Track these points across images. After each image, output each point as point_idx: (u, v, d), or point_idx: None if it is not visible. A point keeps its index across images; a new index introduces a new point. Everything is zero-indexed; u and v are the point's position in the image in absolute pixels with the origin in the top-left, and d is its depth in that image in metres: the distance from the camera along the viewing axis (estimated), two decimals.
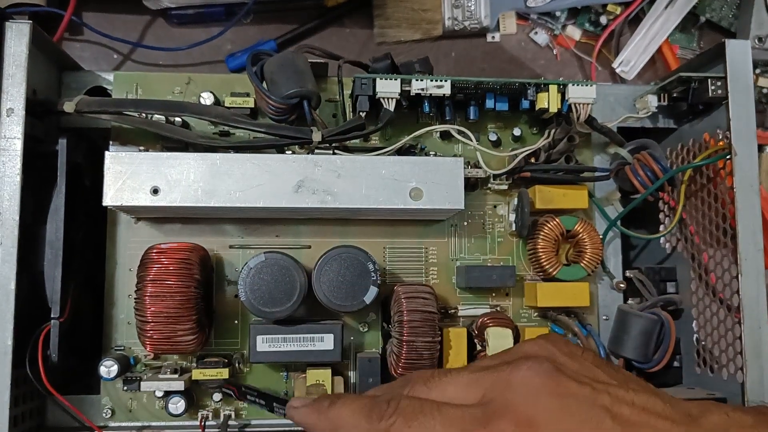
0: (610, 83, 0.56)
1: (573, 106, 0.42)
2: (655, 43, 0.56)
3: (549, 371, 0.28)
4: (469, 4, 0.54)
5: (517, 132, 0.45)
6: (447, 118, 0.44)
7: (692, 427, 0.26)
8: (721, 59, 0.43)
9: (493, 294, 0.45)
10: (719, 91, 0.43)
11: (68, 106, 0.39)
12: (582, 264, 0.43)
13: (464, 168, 0.40)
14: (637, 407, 0.27)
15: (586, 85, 0.42)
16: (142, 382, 0.40)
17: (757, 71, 0.56)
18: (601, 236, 0.44)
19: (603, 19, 0.57)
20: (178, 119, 0.42)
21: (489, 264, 0.45)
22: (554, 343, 0.31)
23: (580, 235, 0.43)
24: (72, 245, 0.40)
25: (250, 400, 0.41)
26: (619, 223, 0.46)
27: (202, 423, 0.41)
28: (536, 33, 0.57)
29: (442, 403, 0.28)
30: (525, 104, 0.43)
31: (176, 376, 0.40)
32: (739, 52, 0.42)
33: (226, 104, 0.43)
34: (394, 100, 0.42)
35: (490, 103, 0.43)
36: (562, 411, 0.27)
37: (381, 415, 0.28)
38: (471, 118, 0.45)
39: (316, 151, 0.41)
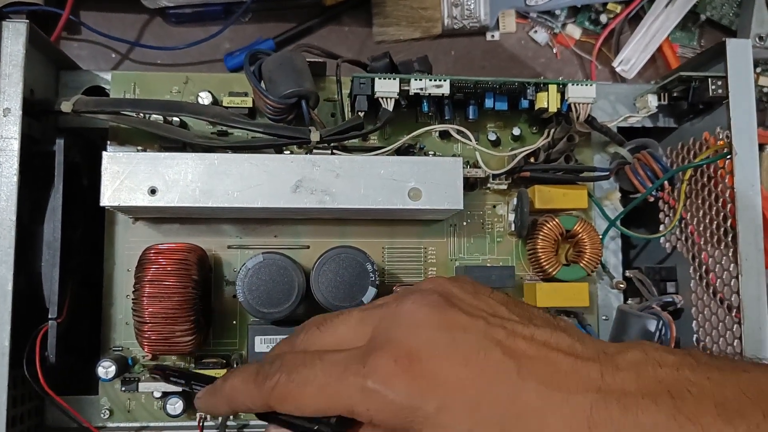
0: (610, 82, 0.56)
1: (573, 106, 0.42)
2: (656, 42, 0.56)
3: (436, 303, 0.26)
4: (469, 3, 0.54)
5: (516, 131, 0.45)
6: (446, 118, 0.44)
7: (603, 363, 0.24)
8: (721, 58, 0.42)
9: None
10: (720, 90, 0.42)
11: (66, 106, 0.39)
12: (581, 264, 0.43)
13: (463, 168, 0.40)
14: (536, 341, 0.25)
15: (586, 85, 0.42)
16: (140, 383, 0.40)
17: (758, 70, 0.56)
18: (600, 236, 0.44)
19: (603, 18, 0.57)
20: (176, 119, 0.42)
21: (488, 264, 0.45)
22: (455, 281, 0.29)
23: (580, 235, 0.43)
24: (70, 245, 0.39)
25: (173, 381, 0.37)
26: (618, 222, 0.45)
27: (201, 424, 0.41)
28: (536, 31, 0.57)
29: (324, 351, 0.27)
30: (524, 104, 0.43)
31: None
32: (739, 51, 0.42)
33: (224, 104, 0.43)
34: (393, 100, 0.41)
35: (489, 103, 0.43)
36: (446, 343, 0.25)
37: (266, 375, 0.27)
38: (470, 117, 0.44)
39: (315, 151, 0.40)
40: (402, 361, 0.24)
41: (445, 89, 0.41)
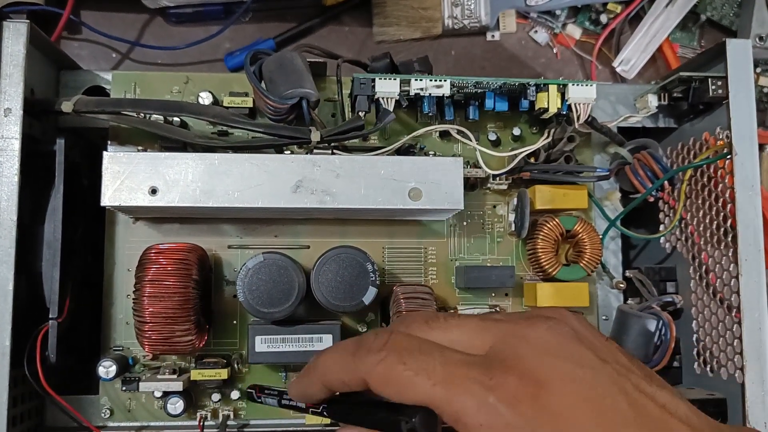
0: (610, 82, 0.56)
1: (573, 106, 0.42)
2: (656, 42, 0.56)
3: (570, 336, 0.25)
4: (469, 3, 0.54)
5: (516, 132, 0.45)
6: (446, 118, 0.44)
7: None
8: (721, 58, 0.42)
9: (493, 294, 0.45)
10: (720, 91, 0.42)
11: (66, 106, 0.39)
12: (581, 264, 0.43)
13: (464, 168, 0.40)
14: (657, 403, 0.24)
15: (586, 85, 0.42)
16: (140, 383, 0.40)
17: (758, 70, 0.56)
18: (600, 236, 0.44)
19: (603, 18, 0.57)
20: (176, 119, 0.42)
21: (488, 264, 0.45)
22: (579, 319, 0.28)
23: (580, 235, 0.43)
24: (70, 245, 0.39)
25: (267, 395, 0.35)
26: (618, 223, 0.45)
27: (201, 423, 0.41)
28: (536, 32, 0.57)
29: (444, 346, 0.25)
30: (525, 104, 0.43)
31: (175, 376, 0.40)
32: (739, 52, 0.42)
33: (225, 104, 0.43)
34: (394, 100, 0.41)
35: (489, 103, 0.43)
36: (577, 379, 0.24)
37: (369, 348, 0.25)
38: (470, 117, 0.44)
39: (315, 151, 0.40)
40: (530, 386, 0.23)
41: (446, 89, 0.41)
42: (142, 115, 0.41)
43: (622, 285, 0.46)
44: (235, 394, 0.42)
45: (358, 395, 0.26)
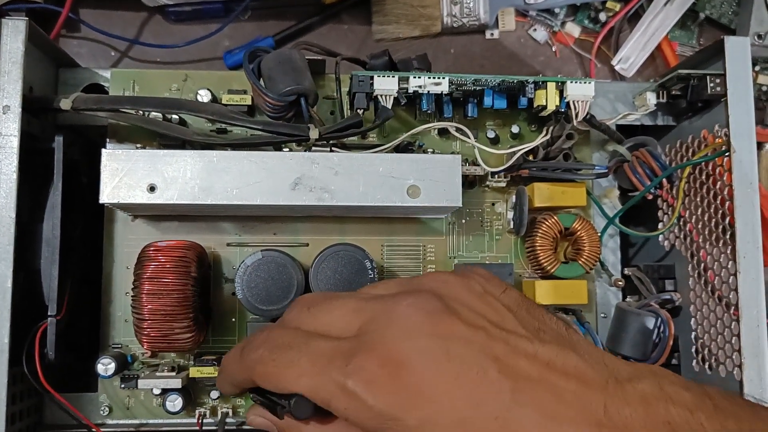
0: (609, 80, 0.56)
1: (571, 104, 0.42)
2: (655, 40, 0.56)
3: (433, 309, 0.24)
4: (468, 1, 0.54)
5: (515, 129, 0.45)
6: (445, 116, 0.44)
7: (609, 393, 0.22)
8: (720, 56, 0.42)
9: None
10: (718, 88, 0.42)
11: (65, 104, 0.39)
12: (580, 262, 0.43)
13: (462, 165, 0.40)
14: (539, 361, 0.23)
15: (585, 83, 0.42)
16: (139, 380, 0.40)
17: (757, 68, 0.56)
18: (599, 234, 0.44)
19: (602, 16, 0.57)
20: (175, 116, 0.42)
21: (487, 262, 0.45)
22: (464, 277, 0.27)
23: (579, 233, 0.43)
24: (69, 243, 0.39)
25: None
26: (617, 220, 0.45)
27: (200, 420, 0.41)
28: (535, 30, 0.57)
29: (313, 335, 0.26)
30: (523, 102, 0.43)
31: (174, 373, 0.40)
32: (738, 49, 0.42)
33: (224, 101, 0.43)
34: (392, 98, 0.41)
35: (488, 101, 0.43)
36: (439, 355, 0.23)
37: (250, 349, 0.27)
38: (469, 115, 0.44)
39: (314, 148, 0.40)
40: (388, 367, 0.23)
41: (444, 87, 0.41)
42: (141, 112, 0.41)
43: (620, 283, 0.46)
44: None
45: None
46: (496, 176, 0.44)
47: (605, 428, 0.21)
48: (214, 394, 0.42)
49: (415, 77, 0.41)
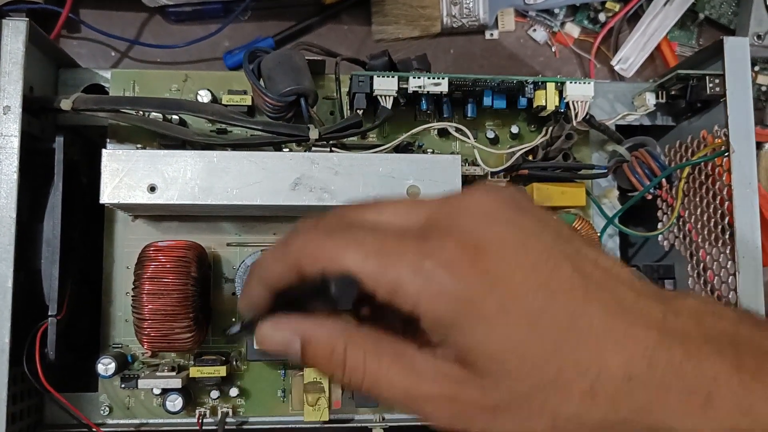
0: (608, 80, 0.56)
1: (571, 104, 0.42)
2: (654, 41, 0.56)
3: (510, 202, 0.23)
4: (468, 2, 0.54)
5: (514, 129, 0.45)
6: (445, 116, 0.44)
7: (664, 303, 0.22)
8: (719, 56, 0.43)
9: None
10: (717, 89, 0.42)
11: (65, 104, 0.39)
12: None
13: (462, 165, 0.40)
14: (600, 267, 0.23)
15: (584, 83, 0.42)
16: (139, 380, 0.40)
17: (756, 68, 0.56)
18: (598, 234, 0.44)
19: (602, 17, 0.57)
20: (175, 117, 0.42)
21: None
22: (518, 189, 0.26)
23: (578, 233, 0.43)
24: (69, 243, 0.40)
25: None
26: (617, 220, 0.45)
27: (200, 420, 0.41)
28: (535, 30, 0.57)
29: (377, 222, 0.24)
30: (523, 102, 0.43)
31: (174, 373, 0.40)
32: (737, 50, 0.42)
33: (224, 102, 0.43)
34: (392, 98, 0.41)
35: (487, 101, 0.43)
36: (518, 244, 0.22)
37: (298, 232, 0.24)
38: (469, 115, 0.44)
39: (314, 148, 0.41)
40: (469, 250, 0.22)
41: (444, 87, 0.41)
42: (141, 113, 0.41)
43: None
44: (233, 391, 0.42)
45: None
46: (496, 176, 0.44)
47: (666, 333, 0.22)
48: (214, 393, 0.42)
49: (414, 77, 0.41)
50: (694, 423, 0.21)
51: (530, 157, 0.45)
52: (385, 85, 0.41)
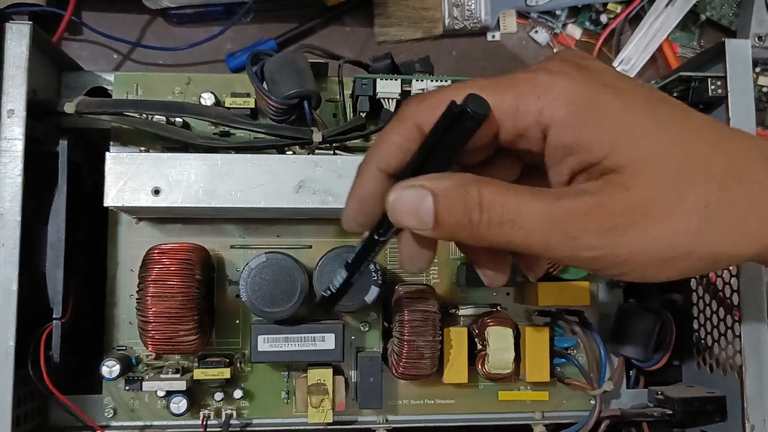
0: None
1: None
2: (656, 42, 0.56)
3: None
4: (470, 3, 0.54)
5: None
6: None
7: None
8: (721, 58, 0.43)
9: (494, 293, 0.45)
10: (719, 90, 0.43)
11: (69, 107, 0.39)
12: None
13: None
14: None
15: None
16: (143, 382, 0.40)
17: (757, 70, 0.56)
18: None
19: (603, 18, 0.57)
20: (178, 120, 0.42)
21: None
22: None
23: None
24: (73, 246, 0.40)
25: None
26: None
27: (204, 422, 0.41)
28: (537, 32, 0.57)
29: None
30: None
31: (178, 375, 0.40)
32: (738, 52, 0.42)
33: (227, 105, 0.43)
34: (395, 101, 0.42)
35: None
36: (613, 71, 0.25)
37: (404, 106, 0.26)
38: None
39: (317, 151, 0.41)
40: (572, 63, 0.24)
41: None
42: (145, 115, 0.41)
43: (622, 284, 0.46)
44: (238, 393, 0.42)
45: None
46: None
47: None
48: (218, 395, 0.42)
49: (417, 80, 0.41)
50: None
51: None
52: (388, 88, 0.41)
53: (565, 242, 0.22)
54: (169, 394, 0.40)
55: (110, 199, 0.37)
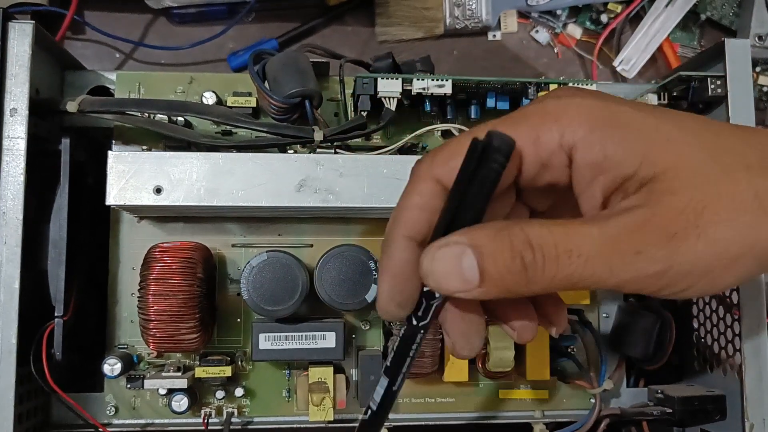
0: (611, 82, 0.56)
1: None
2: (656, 42, 0.56)
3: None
4: (471, 3, 0.54)
5: None
6: (448, 117, 0.44)
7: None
8: (721, 58, 0.43)
9: None
10: (719, 90, 0.43)
11: (71, 106, 0.39)
12: None
13: None
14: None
15: (586, 84, 0.42)
16: (145, 380, 0.40)
17: (757, 69, 0.56)
18: None
19: (604, 18, 0.57)
20: (180, 119, 0.42)
21: None
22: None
23: None
24: (75, 244, 0.40)
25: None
26: None
27: (205, 420, 0.42)
28: (537, 31, 0.57)
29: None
30: (526, 103, 0.43)
31: (179, 374, 0.40)
32: (738, 51, 0.42)
33: (229, 104, 0.43)
34: (396, 100, 0.42)
35: (491, 102, 0.43)
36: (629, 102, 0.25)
37: (415, 167, 0.25)
38: (472, 117, 0.45)
39: (318, 150, 0.41)
40: (583, 90, 0.24)
41: (447, 89, 0.42)
42: (147, 114, 0.41)
43: None
44: (239, 391, 0.42)
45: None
46: None
47: None
48: (220, 393, 0.42)
49: (418, 79, 0.41)
50: None
51: None
52: (389, 87, 0.41)
53: (630, 261, 0.21)
54: (171, 392, 0.40)
55: (112, 198, 0.37)
